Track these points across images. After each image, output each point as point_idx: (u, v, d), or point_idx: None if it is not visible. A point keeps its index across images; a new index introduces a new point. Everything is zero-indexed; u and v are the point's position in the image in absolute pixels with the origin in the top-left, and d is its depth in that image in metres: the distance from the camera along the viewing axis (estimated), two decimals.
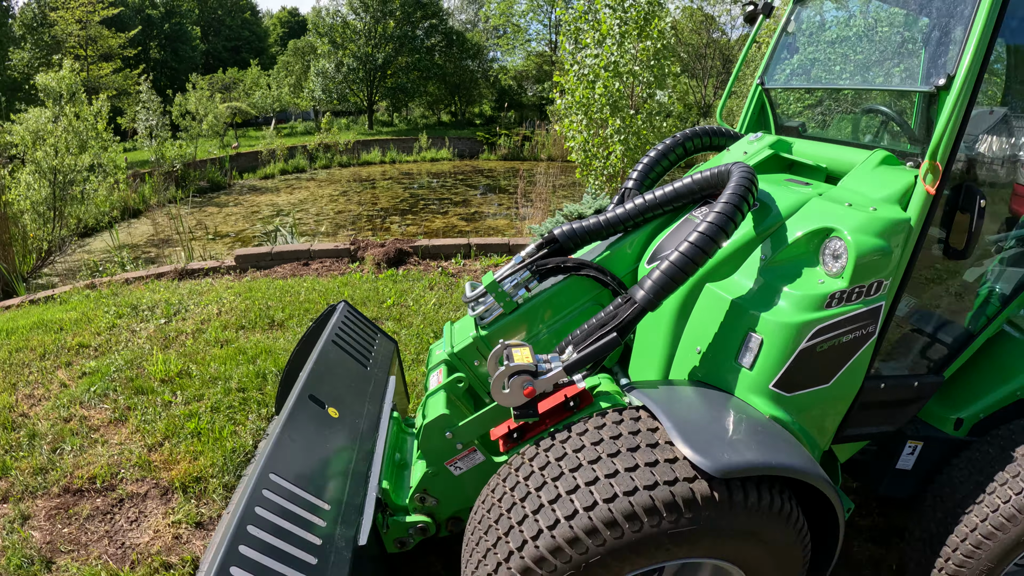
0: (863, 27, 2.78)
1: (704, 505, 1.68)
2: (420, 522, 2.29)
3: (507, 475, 1.88)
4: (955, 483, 2.35)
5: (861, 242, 1.95)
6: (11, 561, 2.99)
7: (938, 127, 1.89)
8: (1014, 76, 2.51)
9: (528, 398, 1.93)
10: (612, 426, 1.83)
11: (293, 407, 2.16)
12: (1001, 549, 2.19)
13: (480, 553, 1.80)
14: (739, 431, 1.86)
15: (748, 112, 3.03)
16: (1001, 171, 2.41)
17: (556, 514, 1.68)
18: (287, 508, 1.77)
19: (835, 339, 1.98)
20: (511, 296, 2.46)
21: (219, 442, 3.55)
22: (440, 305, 5.62)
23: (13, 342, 5.30)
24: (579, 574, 1.67)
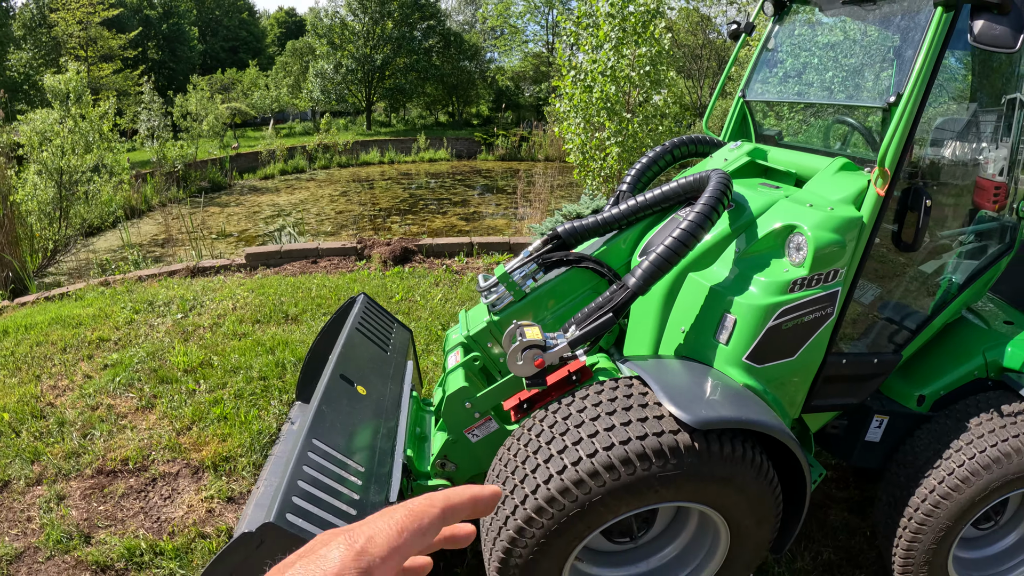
0: (835, 46, 3.09)
1: (686, 452, 2.00)
2: (440, 486, 2.58)
3: (521, 435, 2.19)
4: (917, 452, 2.64)
5: (819, 237, 2.27)
6: (50, 536, 3.20)
7: (886, 138, 2.21)
8: (979, 80, 2.79)
9: (538, 369, 2.25)
10: (610, 392, 2.16)
11: (327, 384, 2.42)
12: (958, 508, 2.47)
13: (500, 500, 2.06)
14: (716, 394, 2.19)
15: (731, 122, 3.35)
16: (964, 170, 2.70)
17: (564, 461, 1.99)
18: (329, 468, 2.03)
19: (798, 318, 2.31)
20: (520, 285, 2.78)
21: (245, 425, 3.80)
22: (446, 300, 5.88)
23: (33, 336, 5.50)
24: (584, 512, 1.98)
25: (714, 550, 2.40)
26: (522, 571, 2.08)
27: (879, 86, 2.82)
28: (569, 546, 2.07)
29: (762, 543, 2.34)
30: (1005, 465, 2.42)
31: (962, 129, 2.75)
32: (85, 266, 11.48)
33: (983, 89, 2.73)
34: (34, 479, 3.65)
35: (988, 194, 2.65)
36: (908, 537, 2.57)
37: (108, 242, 13.92)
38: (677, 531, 2.53)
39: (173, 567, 2.94)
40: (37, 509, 3.43)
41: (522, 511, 2.01)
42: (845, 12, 2.93)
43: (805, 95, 3.21)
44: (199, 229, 14.23)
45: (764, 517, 2.25)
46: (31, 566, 3.11)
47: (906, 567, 2.63)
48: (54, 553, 3.15)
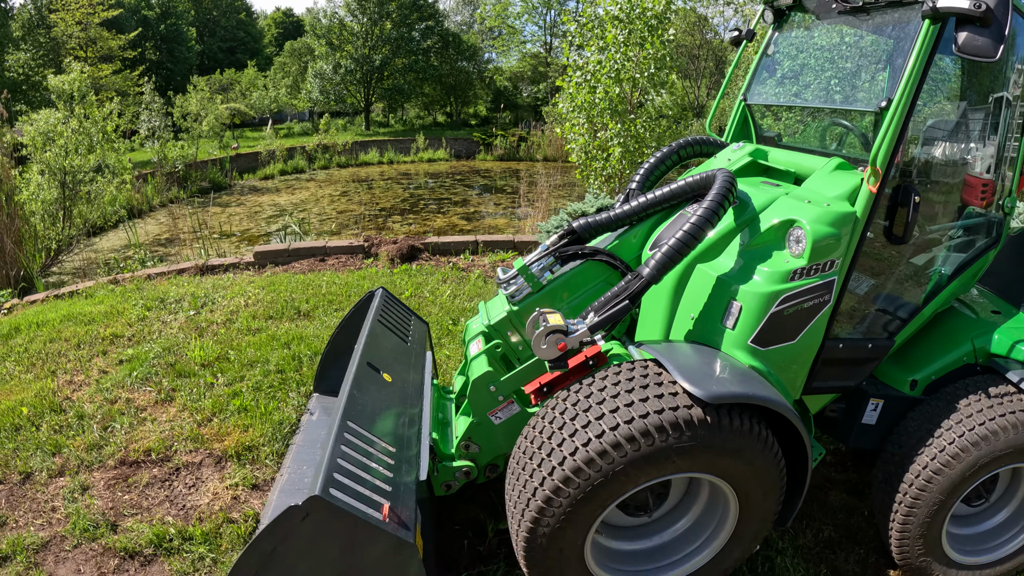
0: (831, 53, 3.25)
1: (700, 425, 2.18)
2: (465, 467, 2.75)
3: (545, 413, 2.36)
4: (910, 432, 2.82)
5: (817, 230, 2.47)
6: (76, 525, 3.27)
7: (877, 140, 2.40)
8: (968, 80, 2.94)
9: (561, 352, 2.42)
10: (627, 372, 2.34)
11: (356, 371, 2.55)
12: (949, 483, 2.65)
13: (527, 473, 2.26)
14: (725, 372, 2.37)
15: (733, 124, 3.54)
16: (954, 168, 2.86)
17: (588, 434, 2.17)
18: (364, 448, 2.16)
19: (798, 305, 2.51)
20: (538, 277, 2.93)
21: (266, 416, 3.92)
22: (455, 296, 6.01)
23: (45, 333, 5.58)
24: (607, 482, 2.15)
25: (724, 522, 2.56)
26: (549, 540, 2.23)
27: (872, 91, 2.99)
28: (593, 515, 2.23)
29: (768, 514, 2.51)
30: (992, 442, 2.60)
31: (952, 129, 2.91)
32: (88, 266, 11.54)
33: (972, 88, 2.89)
34: (56, 471, 3.72)
35: (976, 191, 2.82)
36: (903, 512, 2.74)
37: (110, 242, 13.98)
38: (689, 505, 2.69)
39: (203, 551, 3.06)
40: (61, 499, 3.49)
41: (550, 482, 2.17)
42: (841, 21, 3.09)
43: (803, 99, 3.39)
44: (201, 229, 14.33)
45: (770, 488, 2.43)
46: (58, 554, 3.17)
47: (902, 541, 2.80)
48: (81, 541, 3.22)
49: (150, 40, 36.98)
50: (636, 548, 2.65)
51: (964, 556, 2.97)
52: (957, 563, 2.95)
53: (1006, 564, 3.02)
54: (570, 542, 2.26)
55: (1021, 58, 2.79)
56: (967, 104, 2.89)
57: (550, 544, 2.24)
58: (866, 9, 2.75)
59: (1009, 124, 2.87)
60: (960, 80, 2.90)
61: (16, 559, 3.10)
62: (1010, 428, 2.60)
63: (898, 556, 2.88)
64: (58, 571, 3.08)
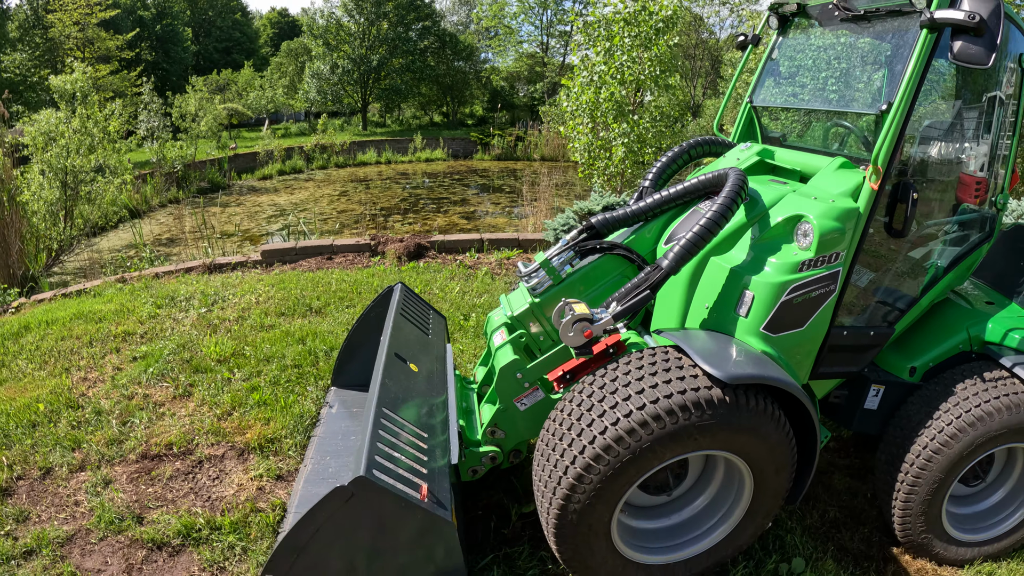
0: (833, 57, 3.40)
1: (719, 404, 2.33)
2: (491, 452, 2.87)
3: (572, 397, 2.50)
4: (910, 415, 2.97)
5: (823, 225, 2.62)
6: (101, 518, 3.31)
7: (879, 141, 2.56)
8: (964, 78, 3.07)
9: (587, 339, 2.57)
10: (650, 358, 2.49)
11: (386, 361, 2.65)
12: (948, 462, 2.80)
13: (558, 453, 2.39)
14: (741, 356, 2.52)
15: (740, 125, 3.69)
16: (949, 167, 3.00)
17: (617, 414, 2.31)
18: (399, 433, 2.26)
19: (806, 294, 2.66)
20: (558, 270, 3.06)
21: (286, 409, 4.02)
22: (464, 293, 6.11)
23: (56, 331, 5.62)
24: (635, 458, 2.30)
25: (739, 499, 2.71)
26: (579, 517, 2.36)
27: (872, 94, 3.12)
28: (621, 491, 2.37)
29: (779, 491, 2.66)
30: (988, 423, 2.76)
31: (947, 129, 3.05)
32: (89, 266, 11.58)
33: (967, 87, 3.02)
34: (77, 465, 3.76)
35: (970, 189, 2.96)
36: (905, 491, 2.89)
37: (110, 242, 14.02)
38: (705, 484, 2.84)
39: (232, 540, 3.14)
40: (84, 493, 3.54)
41: (581, 459, 2.31)
42: (842, 27, 3.25)
43: (806, 101, 3.54)
44: (203, 228, 14.39)
45: (782, 465, 2.59)
46: (83, 547, 3.21)
47: (904, 519, 2.94)
48: (107, 534, 3.26)
49: (146, 40, 36.92)
50: (657, 526, 2.79)
51: (963, 534, 3.13)
52: (957, 540, 3.10)
53: (1004, 541, 3.18)
54: (598, 518, 2.39)
55: (1013, 58, 2.93)
56: (962, 103, 3.03)
57: (580, 520, 2.37)
58: (867, 17, 2.90)
59: (1002, 123, 3.01)
60: (956, 80, 3.03)
61: (42, 552, 3.14)
62: (1004, 410, 2.76)
63: (900, 534, 3.02)
64: (85, 564, 3.12)
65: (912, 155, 2.96)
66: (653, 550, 2.72)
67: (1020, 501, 3.21)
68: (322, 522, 1.97)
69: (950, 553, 3.11)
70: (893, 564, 3.16)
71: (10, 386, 4.70)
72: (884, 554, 3.21)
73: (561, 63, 38.20)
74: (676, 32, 8.03)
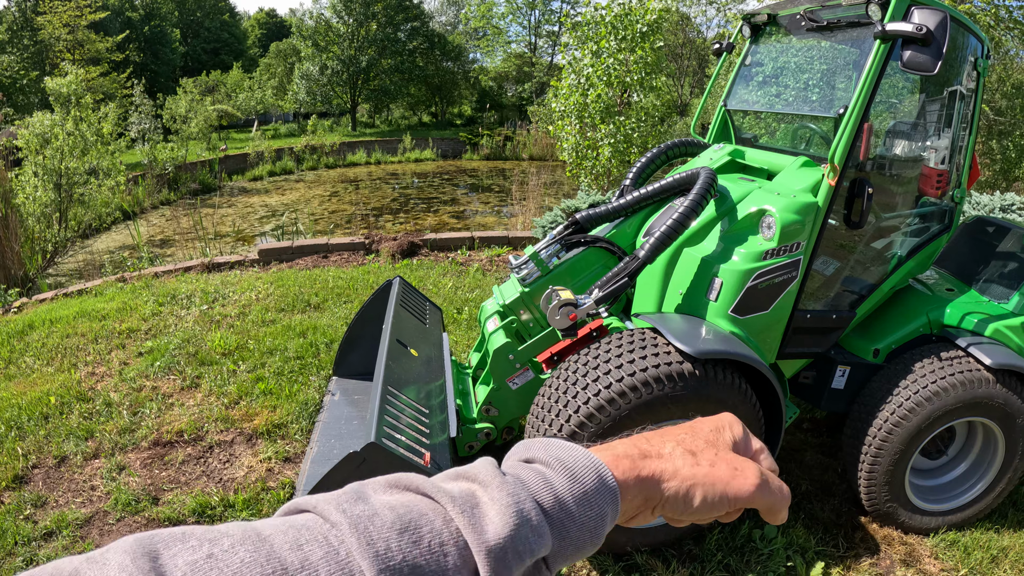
0: (800, 65, 3.67)
1: (690, 377, 2.60)
2: (486, 428, 3.12)
3: (560, 374, 2.75)
4: (873, 393, 3.22)
5: (784, 217, 2.89)
6: (118, 501, 3.49)
7: (835, 141, 2.82)
8: (927, 82, 3.33)
9: (571, 322, 2.83)
10: (628, 338, 2.76)
11: (389, 346, 2.88)
12: (907, 434, 3.05)
13: (546, 424, 2.64)
14: (710, 335, 2.78)
15: (715, 127, 3.96)
16: (912, 162, 3.25)
17: (599, 386, 2.57)
18: (403, 409, 2.50)
19: (770, 280, 2.92)
20: (546, 262, 3.32)
21: (291, 397, 4.24)
22: (456, 288, 6.35)
23: (60, 329, 5.78)
24: (615, 426, 2.55)
25: None
26: None
27: (833, 98, 3.39)
28: None
29: None
30: (943, 397, 3.01)
31: (910, 128, 3.30)
32: (84, 267, 11.69)
33: (930, 79, 3.27)
34: (91, 453, 3.94)
35: (932, 181, 3.21)
36: (869, 461, 3.14)
37: (104, 244, 14.13)
38: None
39: (245, 516, 3.37)
40: (100, 479, 3.71)
41: (567, 427, 2.57)
42: (809, 36, 3.52)
43: (776, 105, 3.81)
44: (196, 229, 14.53)
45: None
46: (102, 528, 3.39)
47: (870, 489, 3.19)
48: (124, 515, 3.45)
49: (134, 42, 36.87)
50: None
51: (927, 503, 3.38)
52: (921, 509, 3.35)
53: (967, 511, 3.42)
54: None
55: (970, 61, 3.18)
56: (925, 96, 3.28)
57: None
58: (830, 27, 3.16)
59: (964, 116, 3.26)
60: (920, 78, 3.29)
61: (62, 533, 3.31)
62: (959, 385, 3.01)
63: (867, 503, 3.28)
64: (103, 543, 3.22)
65: (878, 152, 3.22)
66: None
67: (981, 473, 3.44)
68: (337, 486, 2.19)
69: (915, 522, 3.36)
70: (861, 531, 3.42)
71: (20, 381, 4.87)
72: (852, 522, 3.47)
73: (549, 63, 38.48)
74: (661, 35, 8.28)
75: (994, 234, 3.76)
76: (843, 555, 3.24)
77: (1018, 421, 3.18)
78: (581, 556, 0.58)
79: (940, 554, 3.32)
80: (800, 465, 3.89)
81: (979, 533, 3.43)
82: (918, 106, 3.34)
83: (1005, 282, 3.55)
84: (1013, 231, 3.66)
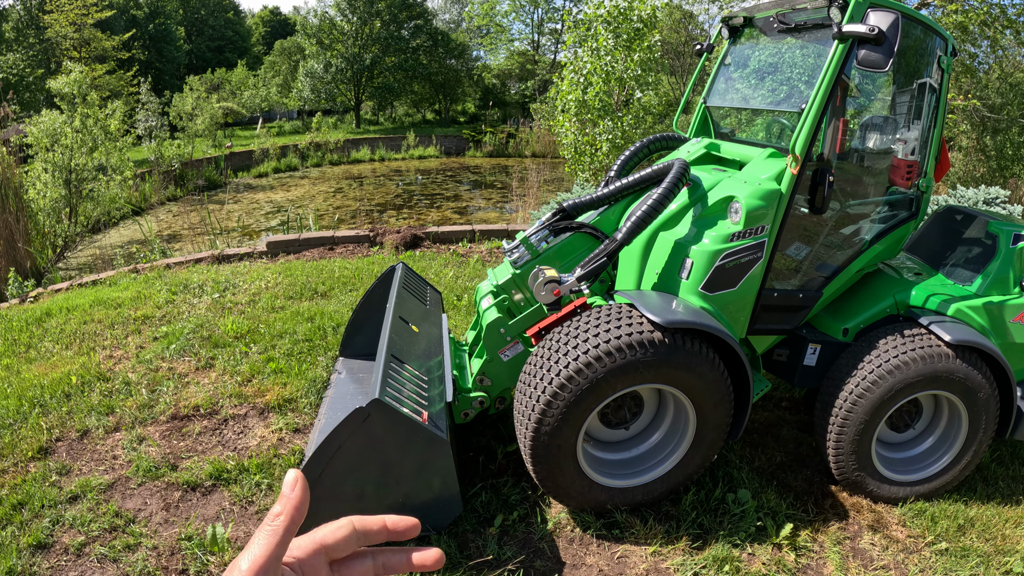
0: (774, 63, 3.94)
1: (660, 345, 2.86)
2: (480, 397, 3.39)
3: (546, 343, 3.03)
4: (841, 368, 3.47)
5: (750, 203, 3.15)
6: (139, 467, 3.75)
7: (795, 133, 3.08)
8: (898, 62, 3.58)
9: (556, 297, 3.11)
10: (606, 312, 3.02)
11: (392, 322, 3.15)
12: (871, 405, 3.30)
13: (532, 387, 2.92)
14: (680, 308, 3.04)
15: (695, 122, 4.23)
16: (883, 154, 3.50)
17: (577, 351, 2.84)
18: (405, 375, 2.76)
19: (736, 260, 3.18)
20: (535, 246, 3.57)
21: (300, 374, 4.51)
22: (457, 277, 6.62)
23: (77, 316, 6.03)
24: (592, 387, 2.82)
25: (685, 431, 3.23)
26: (550, 438, 2.88)
27: (800, 94, 3.65)
28: (583, 415, 2.89)
29: (720, 424, 3.18)
30: (905, 371, 3.25)
31: (881, 121, 3.54)
32: (92, 261, 11.95)
33: (901, 70, 3.51)
34: (112, 427, 4.19)
35: (901, 172, 3.45)
36: (836, 431, 3.38)
37: (112, 239, 14.36)
38: (659, 423, 3.37)
39: (259, 479, 3.63)
40: (121, 449, 3.97)
41: (550, 388, 2.84)
42: (781, 37, 3.78)
43: (750, 101, 4.07)
44: (203, 224, 14.81)
45: (720, 400, 3.12)
46: (124, 492, 3.64)
47: (838, 456, 3.44)
48: (144, 480, 3.71)
49: (139, 40, 37.16)
50: (619, 458, 3.31)
51: (895, 474, 3.60)
52: (889, 479, 3.58)
53: (934, 482, 3.63)
54: (566, 439, 2.91)
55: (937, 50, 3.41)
56: (896, 87, 3.52)
57: (551, 442, 2.88)
58: (799, 29, 3.42)
59: (932, 108, 3.50)
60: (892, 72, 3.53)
61: (87, 497, 3.56)
62: (919, 360, 3.25)
63: (836, 471, 3.53)
64: (126, 505, 3.55)
65: (851, 145, 3.46)
66: (614, 476, 3.25)
67: (947, 446, 3.65)
68: (344, 439, 2.46)
69: (883, 491, 3.59)
70: (831, 499, 3.67)
71: (40, 364, 5.13)
72: (823, 491, 3.72)
73: (552, 61, 38.67)
74: (656, 32, 8.50)
75: (962, 222, 3.99)
76: (812, 519, 3.49)
77: (980, 395, 3.40)
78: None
79: (908, 522, 3.54)
80: (776, 439, 4.16)
81: (947, 504, 3.64)
82: (888, 100, 3.58)
83: (970, 266, 3.78)
84: (979, 219, 3.89)
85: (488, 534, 3.22)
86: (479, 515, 3.35)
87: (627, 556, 3.16)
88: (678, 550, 3.18)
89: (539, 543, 3.21)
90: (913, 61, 3.47)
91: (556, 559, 3.12)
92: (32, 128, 12.67)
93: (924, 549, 3.34)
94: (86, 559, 3.16)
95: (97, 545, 3.23)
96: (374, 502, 2.77)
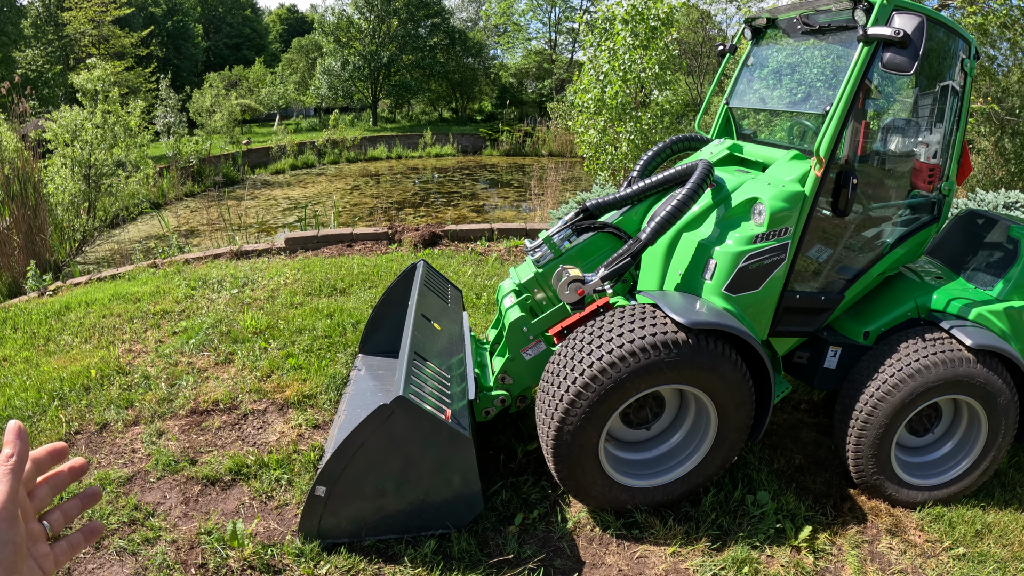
0: (797, 65, 3.91)
1: (684, 345, 2.86)
2: (501, 395, 3.40)
3: (569, 343, 3.03)
4: (862, 371, 3.45)
5: (773, 205, 3.14)
6: (159, 461, 3.77)
7: (819, 135, 3.06)
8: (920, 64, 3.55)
9: (579, 297, 3.13)
10: (630, 312, 3.02)
11: (414, 319, 3.17)
12: (891, 409, 3.28)
13: (555, 386, 2.91)
14: (704, 308, 3.04)
15: (718, 123, 4.22)
16: (903, 157, 3.47)
17: (601, 351, 2.84)
18: (427, 372, 2.78)
19: (760, 262, 3.17)
20: (558, 246, 3.59)
21: (320, 370, 4.53)
22: (476, 276, 6.63)
23: (97, 310, 6.07)
24: (616, 386, 2.82)
25: (707, 432, 3.23)
26: (572, 437, 2.89)
27: (824, 96, 3.62)
28: (606, 415, 2.90)
29: (741, 426, 3.17)
30: (925, 375, 3.23)
31: (904, 125, 3.52)
32: (111, 256, 12.05)
33: (924, 73, 3.48)
34: (131, 421, 4.21)
35: (923, 175, 3.43)
36: (856, 434, 3.37)
37: (130, 234, 14.47)
38: (680, 424, 3.36)
39: (278, 474, 3.66)
40: (140, 443, 3.98)
41: (574, 388, 2.84)
42: (804, 38, 3.76)
43: (772, 103, 4.04)
44: (221, 220, 14.92)
45: (741, 402, 3.11)
46: (143, 485, 3.66)
47: (857, 459, 3.42)
48: (164, 474, 3.72)
49: (157, 37, 37.50)
50: (640, 458, 3.32)
51: (914, 478, 3.58)
52: (908, 483, 3.56)
53: (953, 487, 3.61)
54: (588, 439, 2.91)
55: (961, 53, 3.38)
56: (919, 89, 3.49)
57: (573, 441, 2.89)
58: (823, 31, 3.39)
59: (955, 111, 3.47)
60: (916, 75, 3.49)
61: (106, 490, 3.57)
62: (940, 364, 3.23)
63: (855, 474, 3.51)
64: (146, 498, 3.56)
65: (873, 148, 3.44)
66: (635, 475, 3.26)
67: (966, 451, 3.63)
68: (367, 435, 2.48)
69: (902, 495, 3.57)
70: (849, 502, 3.65)
71: (60, 357, 5.18)
72: (842, 494, 3.70)
73: (569, 60, 38.61)
74: (674, 31, 8.49)
75: (983, 226, 3.96)
76: (831, 522, 3.48)
77: (1000, 400, 3.38)
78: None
79: (926, 526, 3.52)
80: (795, 441, 4.14)
81: (965, 509, 3.62)
82: (910, 103, 3.55)
83: (991, 271, 3.75)
84: (1000, 223, 3.86)
85: (508, 532, 3.23)
86: (499, 513, 3.36)
87: (646, 556, 3.16)
88: (697, 551, 3.18)
89: (559, 542, 3.22)
90: (936, 64, 3.44)
91: (576, 558, 3.13)
92: (52, 124, 12.81)
93: (942, 554, 3.32)
94: (105, 552, 3.18)
95: (116, 538, 3.25)
96: (394, 498, 2.79)
